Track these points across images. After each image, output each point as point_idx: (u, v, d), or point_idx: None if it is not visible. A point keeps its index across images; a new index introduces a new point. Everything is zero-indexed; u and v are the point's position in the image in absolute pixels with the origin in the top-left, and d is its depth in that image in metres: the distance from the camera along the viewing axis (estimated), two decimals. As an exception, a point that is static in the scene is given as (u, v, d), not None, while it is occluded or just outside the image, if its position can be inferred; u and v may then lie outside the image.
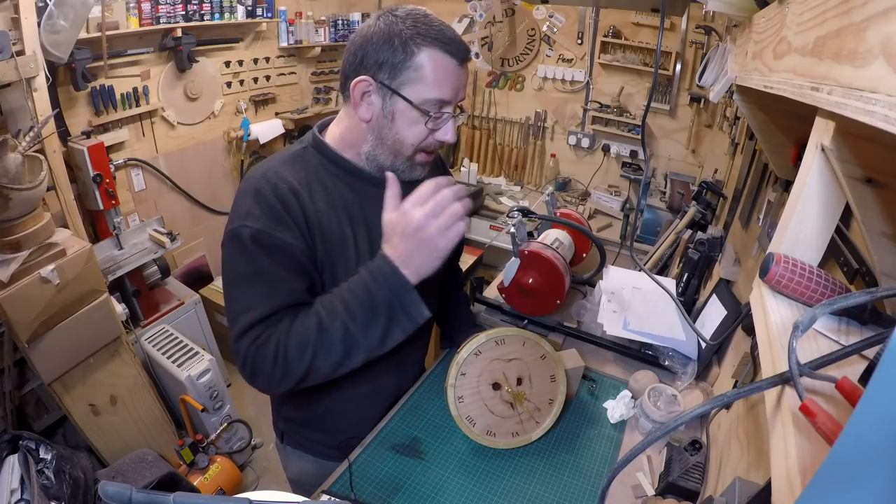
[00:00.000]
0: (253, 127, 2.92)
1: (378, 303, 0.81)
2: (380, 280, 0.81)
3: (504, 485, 0.99)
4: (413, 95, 0.83)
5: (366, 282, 0.82)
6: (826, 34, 0.43)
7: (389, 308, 0.81)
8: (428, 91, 0.83)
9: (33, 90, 1.73)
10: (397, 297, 0.81)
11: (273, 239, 0.83)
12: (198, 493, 1.11)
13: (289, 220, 0.85)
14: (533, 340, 1.05)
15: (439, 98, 0.84)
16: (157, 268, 2.40)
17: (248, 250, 0.83)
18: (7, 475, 1.50)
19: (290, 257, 0.85)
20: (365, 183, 0.95)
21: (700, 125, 2.85)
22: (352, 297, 0.82)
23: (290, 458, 1.20)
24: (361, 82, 0.84)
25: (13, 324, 1.56)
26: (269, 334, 0.83)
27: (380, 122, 0.87)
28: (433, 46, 0.81)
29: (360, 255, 0.93)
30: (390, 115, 0.86)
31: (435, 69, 0.82)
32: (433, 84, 0.83)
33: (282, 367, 0.83)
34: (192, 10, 2.43)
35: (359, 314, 0.81)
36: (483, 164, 3.61)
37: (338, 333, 0.81)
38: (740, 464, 0.79)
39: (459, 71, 0.85)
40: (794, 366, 0.39)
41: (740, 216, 1.46)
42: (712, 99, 1.20)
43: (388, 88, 0.83)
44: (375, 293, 0.81)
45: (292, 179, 0.88)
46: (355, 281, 0.84)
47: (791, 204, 0.54)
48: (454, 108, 0.88)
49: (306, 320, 0.83)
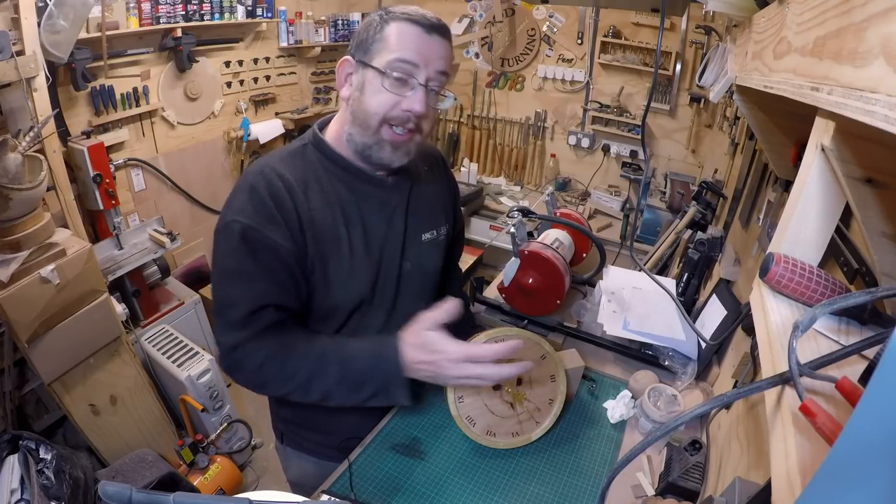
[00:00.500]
0: (253, 127, 2.92)
1: (367, 384, 0.88)
2: (382, 370, 0.87)
3: (504, 485, 0.99)
4: (380, 62, 0.85)
5: (367, 364, 0.88)
6: (826, 34, 0.43)
7: (376, 393, 0.89)
8: (391, 54, 0.84)
9: (33, 90, 1.73)
10: (388, 386, 0.88)
11: (261, 237, 0.85)
12: (198, 493, 1.11)
13: (279, 219, 0.86)
14: (533, 340, 1.05)
15: (402, 58, 0.84)
16: (157, 268, 2.40)
17: (235, 246, 0.86)
18: (7, 475, 1.50)
19: (277, 257, 0.87)
20: (363, 182, 0.95)
21: (700, 125, 2.85)
22: (348, 368, 0.89)
23: (290, 460, 1.19)
24: (344, 62, 0.90)
25: (13, 324, 1.56)
26: (255, 349, 0.88)
27: (354, 97, 0.89)
28: (400, 19, 0.85)
29: (353, 253, 0.93)
30: (361, 86, 0.88)
31: (400, 35, 0.85)
32: (397, 47, 0.84)
33: (260, 385, 0.91)
34: (192, 10, 2.43)
35: (347, 385, 0.89)
36: (483, 164, 3.61)
37: (320, 388, 0.89)
38: (740, 464, 0.79)
39: (427, 38, 0.85)
40: (794, 366, 0.39)
41: (740, 216, 1.46)
42: (712, 99, 1.20)
43: (361, 63, 0.87)
44: (371, 378, 0.88)
45: (289, 176, 0.89)
46: (359, 356, 0.89)
47: (791, 204, 0.54)
48: (427, 79, 0.86)
49: (298, 364, 0.89)
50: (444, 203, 1.13)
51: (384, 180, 0.97)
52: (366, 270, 0.95)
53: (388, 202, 0.98)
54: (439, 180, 1.13)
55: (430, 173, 1.10)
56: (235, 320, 0.87)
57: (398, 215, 0.99)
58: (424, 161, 1.10)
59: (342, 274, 0.93)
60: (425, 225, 1.05)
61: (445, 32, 0.88)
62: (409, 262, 1.01)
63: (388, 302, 1.01)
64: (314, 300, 0.95)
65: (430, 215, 1.07)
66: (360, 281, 0.95)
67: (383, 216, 0.97)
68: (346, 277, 0.93)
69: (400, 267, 1.00)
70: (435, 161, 1.15)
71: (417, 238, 1.03)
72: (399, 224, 0.99)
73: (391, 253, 0.98)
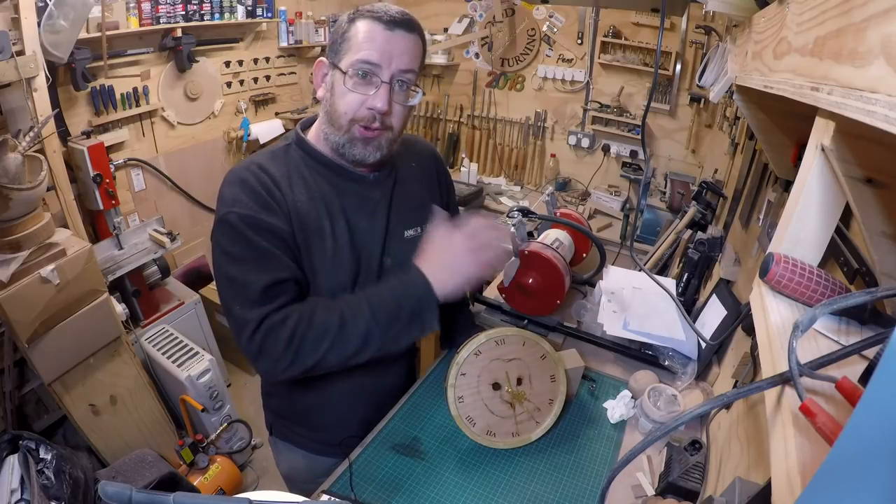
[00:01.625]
0: (253, 127, 2.92)
1: (403, 312, 0.87)
2: (412, 292, 0.86)
3: (504, 485, 0.99)
4: (345, 64, 0.87)
5: (396, 292, 0.87)
6: (826, 34, 0.43)
7: (411, 318, 0.87)
8: (355, 55, 0.86)
9: (33, 90, 1.73)
10: (421, 309, 0.87)
11: (261, 222, 0.87)
12: (198, 493, 1.11)
13: (274, 206, 0.88)
14: (533, 340, 1.05)
15: (363, 59, 0.85)
16: (157, 268, 2.40)
17: (239, 232, 0.86)
18: (7, 475, 1.50)
19: (279, 238, 0.88)
20: (345, 178, 0.97)
21: (700, 125, 2.85)
22: (379, 302, 0.87)
23: (280, 453, 1.21)
24: (320, 64, 0.93)
25: (13, 324, 1.56)
26: (283, 318, 0.85)
27: (327, 98, 0.92)
28: (364, 17, 0.87)
29: (336, 247, 0.95)
30: (331, 87, 0.90)
31: (361, 34, 0.86)
32: (358, 48, 0.86)
33: (292, 354, 0.85)
34: (192, 10, 2.43)
35: (383, 319, 0.86)
36: (483, 164, 3.60)
37: (359, 331, 0.86)
38: (740, 464, 0.79)
39: (388, 34, 0.86)
40: (794, 366, 0.39)
41: (740, 216, 1.46)
42: (712, 99, 1.20)
43: (332, 65, 0.89)
44: (404, 304, 0.86)
45: (274, 172, 0.91)
46: (386, 288, 0.89)
47: (791, 204, 0.54)
48: (391, 76, 0.87)
49: (328, 315, 0.86)
50: (434, 200, 1.12)
51: (365, 177, 0.99)
52: (347, 264, 0.96)
53: (370, 198, 0.99)
54: (430, 178, 1.13)
55: (418, 170, 1.10)
56: (255, 297, 0.85)
57: (379, 211, 1.00)
58: (412, 158, 1.10)
59: (325, 266, 0.94)
60: (409, 221, 1.05)
61: (411, 27, 0.88)
62: (391, 257, 1.02)
63: None
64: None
65: (415, 212, 1.06)
66: (342, 274, 0.96)
67: (365, 212, 0.99)
68: (329, 269, 0.95)
69: (381, 262, 1.01)
70: (427, 158, 1.15)
71: (399, 234, 1.04)
72: (380, 220, 1.00)
73: (372, 248, 0.99)
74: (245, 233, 0.86)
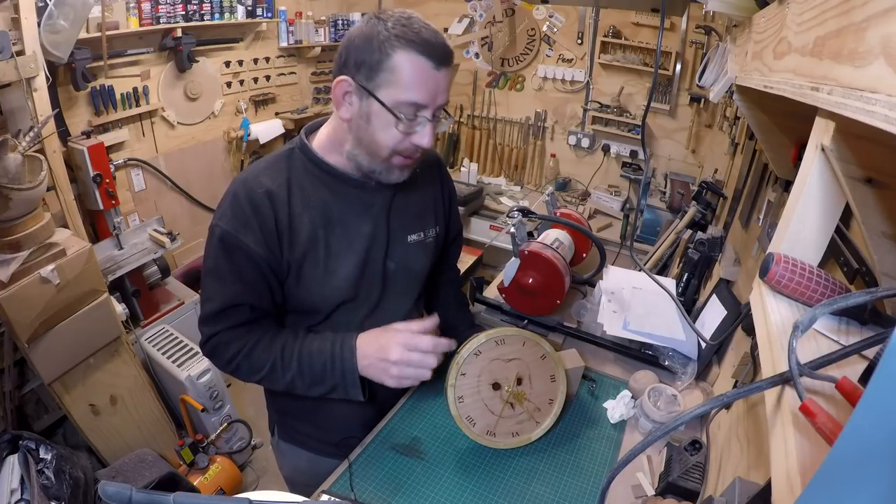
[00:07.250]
0: (253, 127, 2.92)
1: (327, 379, 0.95)
2: (338, 366, 0.94)
3: (504, 485, 0.99)
4: (387, 98, 0.82)
5: (324, 359, 0.95)
6: (826, 34, 0.43)
7: (333, 387, 0.96)
8: (401, 93, 0.82)
9: (33, 90, 1.73)
10: (344, 383, 0.95)
11: (237, 242, 0.89)
12: (198, 493, 1.11)
13: (255, 226, 0.89)
14: (533, 340, 1.05)
15: (412, 101, 0.82)
16: (157, 268, 2.40)
17: (215, 246, 0.91)
18: (7, 475, 1.50)
19: (250, 261, 0.91)
20: (346, 185, 0.97)
21: (700, 125, 2.85)
22: (308, 363, 0.95)
23: (283, 455, 1.21)
24: (342, 82, 0.85)
25: (13, 324, 1.56)
26: (228, 341, 0.95)
27: (357, 123, 0.88)
28: (409, 48, 0.80)
29: (329, 254, 0.96)
30: (366, 116, 0.86)
31: (409, 72, 0.80)
32: (407, 87, 0.81)
33: (232, 371, 0.98)
34: (192, 10, 2.43)
35: (307, 379, 0.96)
36: (483, 164, 3.61)
37: (286, 380, 0.96)
38: (740, 464, 0.79)
39: (437, 74, 0.82)
40: (794, 366, 0.39)
41: (740, 216, 1.46)
42: (712, 99, 1.20)
43: (364, 90, 0.83)
44: (329, 374, 0.95)
45: (270, 184, 0.92)
46: (318, 349, 0.96)
47: (791, 204, 0.54)
48: (434, 113, 0.86)
49: (264, 355, 0.95)
50: (437, 205, 1.13)
51: (367, 182, 0.98)
52: (344, 270, 0.97)
53: (372, 204, 0.99)
54: (433, 183, 1.13)
55: (421, 176, 1.10)
56: (211, 315, 0.94)
57: (382, 216, 1.00)
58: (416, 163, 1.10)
59: (318, 274, 0.95)
60: (412, 226, 1.06)
61: (451, 59, 0.86)
62: (394, 261, 1.03)
63: (372, 300, 1.03)
64: (295, 299, 0.98)
65: (418, 217, 1.07)
66: (338, 280, 0.97)
67: (367, 217, 0.99)
68: (322, 277, 0.96)
69: (384, 266, 1.02)
70: (430, 164, 1.14)
71: (403, 238, 1.04)
72: (382, 225, 1.00)
73: (375, 253, 1.00)
74: (221, 249, 0.91)
